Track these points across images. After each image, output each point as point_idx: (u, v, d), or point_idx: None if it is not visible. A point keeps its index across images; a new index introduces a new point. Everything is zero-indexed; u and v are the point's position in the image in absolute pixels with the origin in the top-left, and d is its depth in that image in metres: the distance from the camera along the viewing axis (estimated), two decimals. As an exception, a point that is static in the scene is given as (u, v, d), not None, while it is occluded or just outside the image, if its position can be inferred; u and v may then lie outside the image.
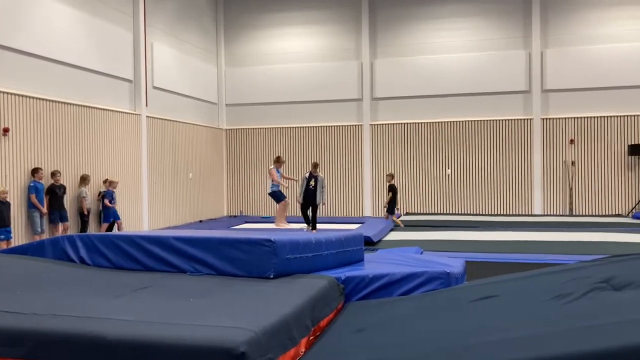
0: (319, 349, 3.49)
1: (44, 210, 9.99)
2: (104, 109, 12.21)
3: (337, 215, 17.08)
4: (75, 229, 11.06)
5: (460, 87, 16.33)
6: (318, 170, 12.59)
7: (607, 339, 2.57)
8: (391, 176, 13.98)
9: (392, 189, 13.65)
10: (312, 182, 12.22)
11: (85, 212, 11.08)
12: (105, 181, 11.64)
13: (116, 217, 11.63)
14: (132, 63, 13.42)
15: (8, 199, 9.36)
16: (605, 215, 15.15)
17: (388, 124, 16.95)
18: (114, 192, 11.62)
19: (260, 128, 17.79)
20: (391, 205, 13.55)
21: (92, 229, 11.52)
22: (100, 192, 11.58)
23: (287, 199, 13.61)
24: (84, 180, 11.17)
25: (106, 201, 11.40)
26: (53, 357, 3.14)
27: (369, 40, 16.94)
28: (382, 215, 14.24)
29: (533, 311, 3.45)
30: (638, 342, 2.45)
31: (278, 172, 13.38)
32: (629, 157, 15.44)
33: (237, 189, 18.05)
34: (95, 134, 11.93)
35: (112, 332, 3.12)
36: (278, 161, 13.54)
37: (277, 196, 13.32)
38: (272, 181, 13.29)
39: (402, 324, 3.74)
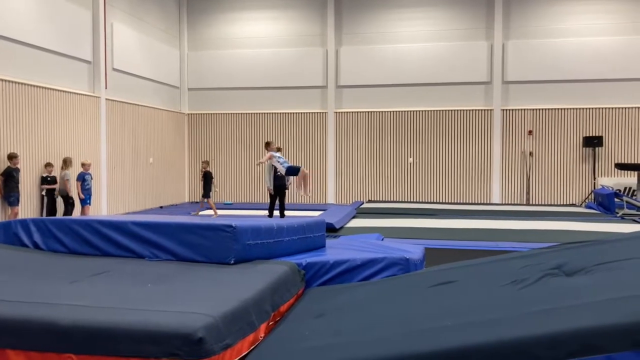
0: (278, 334, 3.49)
1: (-4, 194, 9.68)
2: (61, 91, 11.84)
3: (300, 202, 17.07)
4: (59, 212, 11.08)
5: (423, 77, 16.49)
6: (274, 147, 11.67)
7: (559, 322, 2.65)
8: (206, 163, 14.06)
9: (206, 176, 13.77)
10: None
11: (70, 195, 11.04)
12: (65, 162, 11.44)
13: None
14: (91, 44, 13.03)
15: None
16: (560, 205, 15.61)
17: (352, 112, 17.00)
18: (86, 174, 11.60)
19: (224, 113, 17.59)
20: (206, 190, 13.70)
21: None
22: (43, 177, 11.18)
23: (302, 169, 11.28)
24: (67, 163, 11.20)
25: (78, 183, 11.38)
26: (4, 343, 3.04)
27: (335, 27, 16.90)
28: (200, 201, 14.33)
29: (490, 296, 3.53)
30: (588, 324, 2.54)
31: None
32: (583, 148, 15.94)
33: (199, 175, 17.80)
34: (53, 116, 11.57)
35: (66, 318, 3.04)
36: (269, 146, 11.63)
37: (293, 171, 10.98)
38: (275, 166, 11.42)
39: (361, 308, 3.78)
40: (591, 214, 13.08)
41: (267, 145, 11.31)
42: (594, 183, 15.85)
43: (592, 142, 15.63)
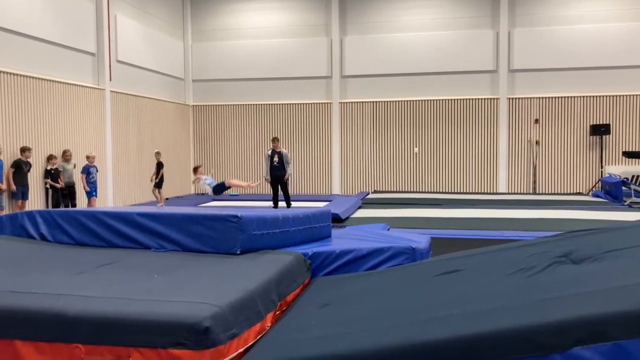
0: (284, 323, 3.49)
1: (3, 186, 9.71)
2: (66, 83, 11.85)
3: (306, 193, 17.09)
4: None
5: (429, 66, 16.40)
6: (279, 145, 12.28)
7: (566, 310, 2.64)
8: (159, 154, 14.01)
9: (159, 166, 13.78)
10: (276, 158, 12.01)
11: (60, 186, 11.11)
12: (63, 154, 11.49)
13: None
14: (95, 36, 13.02)
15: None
16: (567, 194, 15.55)
17: (357, 102, 16.94)
18: (91, 167, 11.67)
19: (228, 105, 17.57)
20: (160, 181, 13.72)
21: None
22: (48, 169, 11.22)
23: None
24: (64, 155, 11.36)
25: (82, 176, 11.48)
26: (9, 334, 3.06)
27: (339, 17, 16.81)
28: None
29: (496, 284, 3.52)
30: (596, 312, 2.52)
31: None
32: (590, 137, 15.83)
33: (205, 166, 17.82)
34: (58, 109, 11.59)
35: (74, 308, 3.05)
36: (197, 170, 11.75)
37: (220, 188, 11.26)
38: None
39: (367, 298, 3.77)
40: (599, 203, 13.02)
41: (195, 170, 11.14)
42: (602, 171, 15.76)
43: (600, 130, 15.53)
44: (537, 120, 16.13)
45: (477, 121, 16.41)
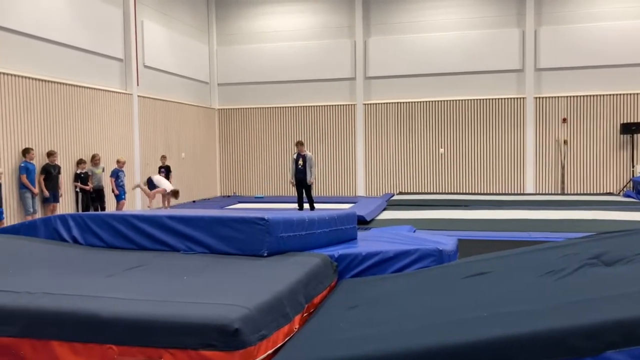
0: (312, 325, 3.51)
1: (36, 190, 9.94)
2: (94, 89, 12.09)
3: (330, 194, 17.10)
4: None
5: (454, 66, 16.27)
6: (304, 148, 12.36)
7: (599, 312, 2.60)
8: (164, 157, 14.11)
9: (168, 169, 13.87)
10: (301, 162, 12.07)
11: (89, 189, 11.31)
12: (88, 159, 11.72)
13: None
14: (123, 41, 13.25)
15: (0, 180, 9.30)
16: (597, 194, 15.25)
17: (381, 103, 16.90)
18: (119, 171, 11.90)
19: (253, 108, 17.70)
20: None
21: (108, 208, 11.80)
22: (78, 173, 11.42)
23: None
24: (93, 159, 11.58)
25: (111, 180, 11.73)
26: (46, 335, 3.14)
27: (363, 18, 16.79)
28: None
29: (526, 287, 3.48)
30: (630, 315, 2.48)
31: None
32: (621, 135, 15.51)
33: (230, 169, 18.01)
34: (87, 114, 11.82)
35: (106, 310, 3.12)
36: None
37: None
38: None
39: (394, 300, 3.77)
40: (630, 203, 12.74)
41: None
42: (633, 171, 15.41)
43: (631, 128, 15.19)
44: (565, 120, 15.87)
45: (503, 121, 16.22)
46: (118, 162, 11.93)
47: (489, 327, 2.77)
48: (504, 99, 16.18)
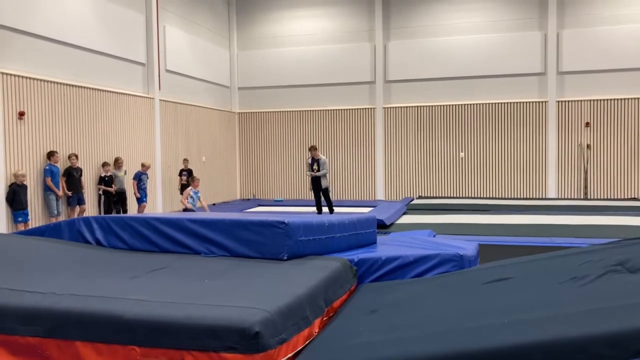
0: (332, 329, 3.51)
1: (60, 193, 10.12)
2: (117, 93, 12.27)
3: (350, 198, 17.09)
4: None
5: (475, 69, 16.16)
6: (318, 152, 12.28)
7: (624, 320, 2.56)
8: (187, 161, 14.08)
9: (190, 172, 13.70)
10: (315, 166, 12.09)
11: (112, 192, 11.48)
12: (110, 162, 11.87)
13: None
14: (145, 46, 13.43)
15: (25, 182, 9.49)
16: (621, 199, 15.00)
17: (401, 107, 16.85)
18: (142, 174, 12.10)
19: (273, 112, 17.78)
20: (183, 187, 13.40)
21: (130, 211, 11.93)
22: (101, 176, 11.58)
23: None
24: (116, 162, 11.77)
25: (134, 182, 11.94)
26: (70, 335, 3.20)
27: (382, 22, 16.78)
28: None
29: (548, 293, 3.44)
30: (653, 323, 2.44)
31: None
32: (646, 140, 15.23)
33: (250, 173, 18.11)
34: (110, 118, 12.01)
35: (129, 312, 3.16)
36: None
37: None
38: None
39: (415, 305, 3.75)
40: (654, 209, 12.49)
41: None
42: (658, 176, 15.13)
43: (655, 133, 14.92)
44: (588, 124, 15.64)
45: (525, 125, 16.05)
46: (143, 165, 12.13)
47: (510, 333, 2.75)
48: (526, 102, 16.01)
